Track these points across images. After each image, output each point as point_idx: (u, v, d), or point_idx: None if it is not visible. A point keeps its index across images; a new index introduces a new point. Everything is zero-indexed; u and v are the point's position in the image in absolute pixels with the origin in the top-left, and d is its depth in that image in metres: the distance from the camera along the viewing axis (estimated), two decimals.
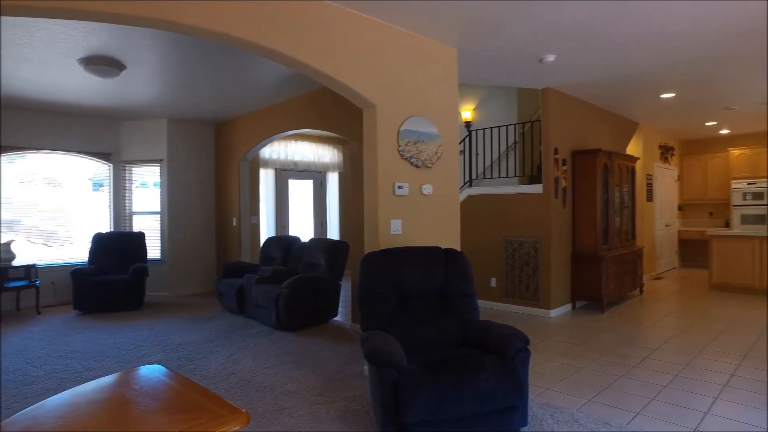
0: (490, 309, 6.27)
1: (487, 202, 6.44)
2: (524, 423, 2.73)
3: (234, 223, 7.59)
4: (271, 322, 5.37)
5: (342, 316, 6.01)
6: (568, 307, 6.19)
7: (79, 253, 7.16)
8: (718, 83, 5.84)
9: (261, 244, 7.32)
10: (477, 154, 7.27)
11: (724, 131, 9.62)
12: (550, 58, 4.70)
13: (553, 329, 5.26)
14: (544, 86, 5.86)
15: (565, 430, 2.86)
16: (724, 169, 10.07)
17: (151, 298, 7.27)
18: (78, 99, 6.13)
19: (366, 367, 3.86)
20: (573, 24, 3.88)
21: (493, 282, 6.37)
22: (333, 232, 9.40)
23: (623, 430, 2.86)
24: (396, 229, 3.80)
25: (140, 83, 5.48)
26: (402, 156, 3.84)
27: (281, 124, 6.55)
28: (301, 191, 9.03)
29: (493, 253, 6.38)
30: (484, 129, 7.07)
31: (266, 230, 8.27)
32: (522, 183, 6.83)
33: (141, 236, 6.99)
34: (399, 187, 3.81)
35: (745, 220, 9.52)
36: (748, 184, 9.50)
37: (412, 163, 3.91)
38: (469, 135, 7.09)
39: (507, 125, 6.88)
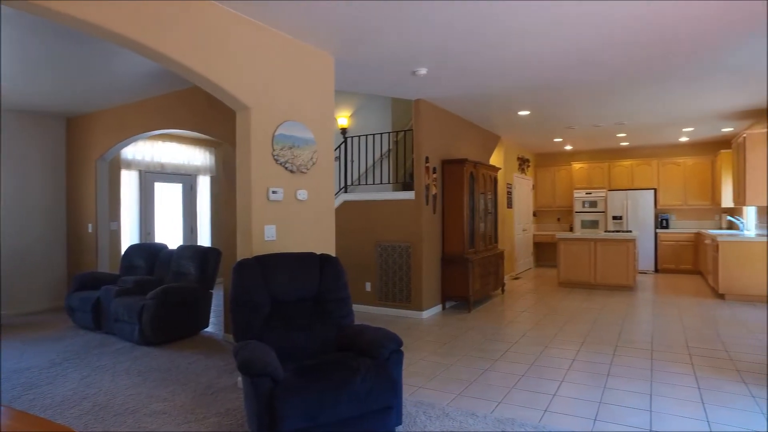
0: (365, 313, 6.41)
1: (362, 208, 6.58)
2: (399, 422, 2.83)
3: (90, 230, 6.83)
4: (134, 337, 4.92)
5: (214, 326, 5.72)
6: (438, 308, 6.56)
7: None
8: (561, 106, 6.65)
9: (122, 253, 6.68)
10: (352, 161, 7.41)
11: (568, 147, 10.97)
12: (423, 71, 4.96)
13: (425, 329, 5.54)
14: (417, 97, 6.17)
15: (437, 424, 3.02)
16: (568, 180, 11.51)
17: None
18: None
19: (240, 379, 3.72)
20: (443, 41, 4.15)
21: (368, 286, 6.53)
22: (204, 239, 8.92)
23: (487, 420, 3.11)
24: (270, 235, 3.72)
25: None
26: (276, 161, 3.78)
27: (147, 122, 6.05)
28: (169, 195, 8.41)
29: (367, 258, 6.53)
30: (359, 136, 7.23)
31: (129, 237, 7.57)
32: (395, 190, 7.11)
33: None
34: (273, 192, 3.74)
35: (584, 224, 10.96)
36: (586, 193, 10.97)
37: (286, 168, 3.86)
38: (345, 142, 7.20)
39: (381, 133, 7.12)
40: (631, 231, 9.45)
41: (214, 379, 3.90)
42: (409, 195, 6.22)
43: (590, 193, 10.91)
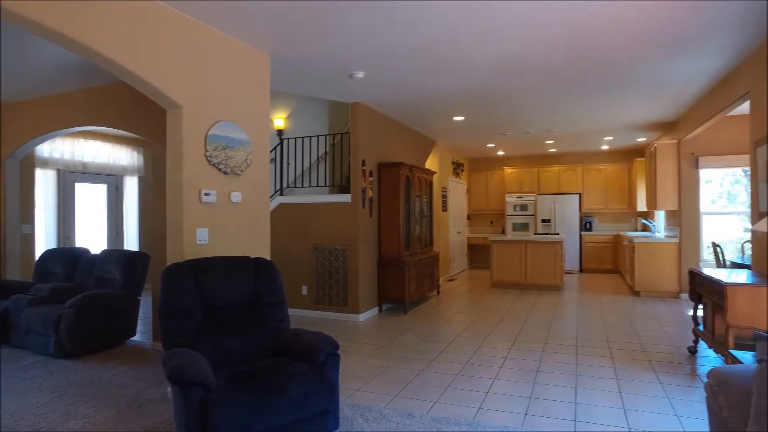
0: (302, 317, 6.33)
1: (298, 211, 6.50)
2: (336, 426, 2.82)
3: None
4: (49, 350, 4.57)
5: (142, 335, 5.43)
6: (375, 310, 6.59)
7: None
8: (494, 112, 6.90)
9: (36, 259, 6.17)
10: (288, 163, 7.31)
11: (501, 152, 11.40)
12: (360, 74, 4.98)
13: (362, 332, 5.55)
14: (354, 100, 6.18)
15: (374, 426, 3.03)
16: (501, 185, 11.97)
17: None
18: None
19: (169, 389, 3.55)
20: (379, 46, 4.19)
21: (304, 290, 6.45)
22: (131, 243, 8.44)
23: (424, 420, 3.16)
24: (202, 239, 3.59)
25: None
26: (210, 162, 3.65)
27: (66, 118, 5.64)
28: (91, 197, 7.90)
29: (303, 261, 6.46)
30: (296, 138, 7.14)
31: (45, 242, 7.02)
32: (332, 192, 7.09)
33: None
34: (206, 194, 3.61)
35: (516, 227, 11.43)
36: (517, 197, 11.45)
37: (220, 170, 3.74)
38: (281, 143, 7.09)
39: (318, 136, 7.07)
40: (558, 233, 9.97)
41: (142, 390, 3.70)
42: (346, 198, 6.21)
43: (521, 197, 11.40)
